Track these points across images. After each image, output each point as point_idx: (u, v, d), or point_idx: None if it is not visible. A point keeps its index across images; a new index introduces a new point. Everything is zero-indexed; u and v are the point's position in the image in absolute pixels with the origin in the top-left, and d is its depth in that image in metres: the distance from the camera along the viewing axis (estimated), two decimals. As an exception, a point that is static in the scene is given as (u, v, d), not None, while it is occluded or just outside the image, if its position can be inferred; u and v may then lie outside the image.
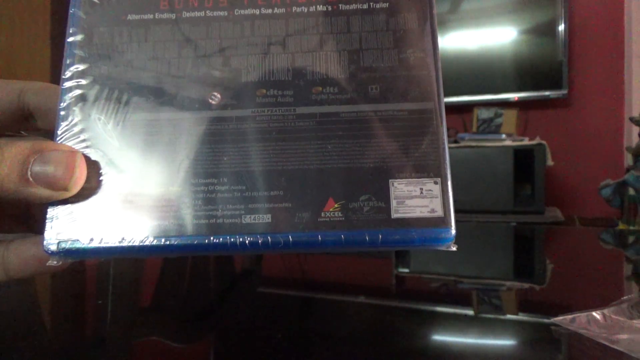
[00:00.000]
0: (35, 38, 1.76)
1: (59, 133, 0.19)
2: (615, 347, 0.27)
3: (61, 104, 0.20)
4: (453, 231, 0.18)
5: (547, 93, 1.93)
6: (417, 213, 0.19)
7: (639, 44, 1.85)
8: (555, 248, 0.71)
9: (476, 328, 0.34)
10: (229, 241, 0.18)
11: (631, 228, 1.57)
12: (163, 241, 0.18)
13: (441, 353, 0.30)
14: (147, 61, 0.20)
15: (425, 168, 0.19)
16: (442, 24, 2.03)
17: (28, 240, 0.19)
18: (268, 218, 0.19)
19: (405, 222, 0.18)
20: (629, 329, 0.29)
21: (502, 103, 1.96)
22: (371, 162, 0.19)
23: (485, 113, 1.92)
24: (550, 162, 1.73)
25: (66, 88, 0.20)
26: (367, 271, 0.53)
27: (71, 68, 0.20)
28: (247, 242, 0.18)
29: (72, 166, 0.18)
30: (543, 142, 1.72)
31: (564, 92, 1.90)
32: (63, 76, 0.20)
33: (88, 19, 0.21)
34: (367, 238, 0.18)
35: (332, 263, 0.55)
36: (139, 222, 0.18)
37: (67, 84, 0.20)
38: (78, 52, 0.20)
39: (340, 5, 0.21)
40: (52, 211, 0.19)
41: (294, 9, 0.21)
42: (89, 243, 0.18)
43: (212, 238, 0.18)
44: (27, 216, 0.22)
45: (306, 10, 0.21)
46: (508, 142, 1.77)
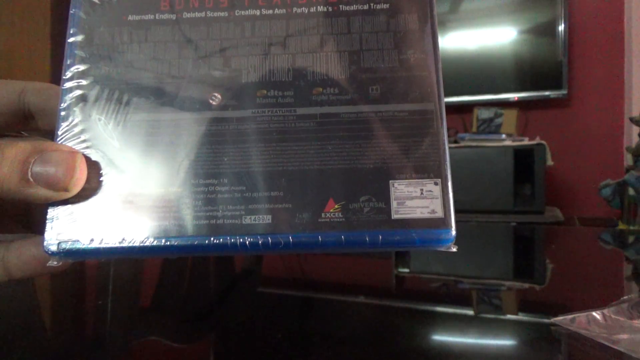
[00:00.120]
0: (35, 38, 1.76)
1: (60, 133, 0.19)
2: (615, 347, 0.27)
3: (62, 105, 0.20)
4: (453, 232, 0.18)
5: (547, 93, 1.93)
6: (418, 214, 0.19)
7: (639, 44, 1.85)
8: (555, 248, 0.71)
9: (476, 328, 0.34)
10: (229, 242, 0.18)
11: (631, 228, 1.56)
12: (163, 242, 0.18)
13: (441, 353, 0.30)
14: (148, 62, 0.20)
15: (425, 169, 0.19)
16: (442, 24, 2.02)
17: (28, 240, 0.19)
18: (268, 219, 0.19)
19: (405, 223, 0.18)
20: (629, 329, 0.29)
21: (502, 103, 1.96)
22: (371, 163, 0.19)
23: (485, 113, 1.92)
24: (550, 162, 1.73)
25: (67, 88, 0.20)
26: (367, 271, 0.53)
27: (72, 68, 0.20)
28: (248, 243, 0.18)
29: (73, 167, 0.18)
30: (543, 142, 1.71)
31: (564, 92, 1.90)
32: (63, 76, 0.20)
33: (89, 20, 0.21)
34: (368, 239, 0.18)
35: (332, 263, 0.55)
36: (139, 223, 0.18)
37: (68, 85, 0.20)
38: (79, 53, 0.20)
39: (340, 6, 0.21)
40: (53, 212, 0.19)
41: (295, 10, 0.21)
42: (89, 243, 0.18)
43: (213, 239, 0.18)
44: (28, 217, 0.22)
45: (307, 11, 0.21)
46: (508, 142, 1.76)
